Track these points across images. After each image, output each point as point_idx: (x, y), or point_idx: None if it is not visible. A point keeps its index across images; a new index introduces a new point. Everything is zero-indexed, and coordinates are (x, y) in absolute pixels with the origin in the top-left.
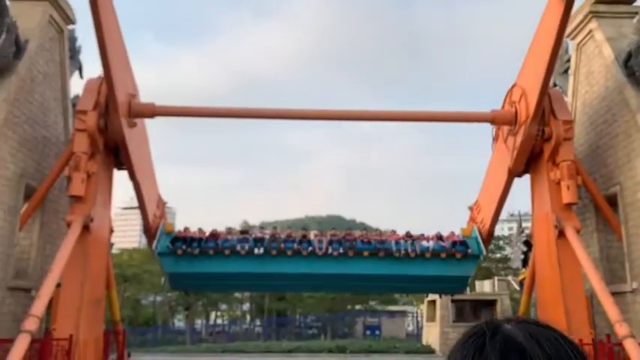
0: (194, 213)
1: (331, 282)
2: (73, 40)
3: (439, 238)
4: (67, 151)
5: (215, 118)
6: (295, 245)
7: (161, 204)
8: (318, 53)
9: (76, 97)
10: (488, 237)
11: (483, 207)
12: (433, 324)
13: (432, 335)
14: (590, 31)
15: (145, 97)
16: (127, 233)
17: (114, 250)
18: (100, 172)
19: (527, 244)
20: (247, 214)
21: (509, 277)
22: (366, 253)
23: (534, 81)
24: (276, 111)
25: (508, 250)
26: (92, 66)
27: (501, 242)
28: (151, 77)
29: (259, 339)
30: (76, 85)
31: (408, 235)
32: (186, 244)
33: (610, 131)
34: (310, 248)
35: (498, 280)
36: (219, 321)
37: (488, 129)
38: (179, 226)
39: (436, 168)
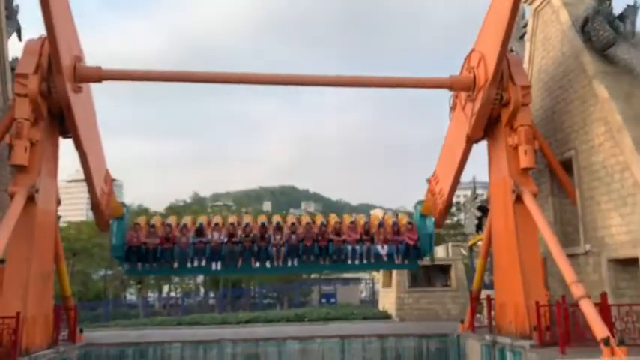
0: (143, 185)
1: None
2: None
3: (395, 232)
4: (6, 118)
5: (163, 82)
6: (253, 261)
7: (109, 179)
8: (272, 21)
9: (15, 59)
10: (447, 207)
11: (441, 177)
12: (389, 290)
13: (388, 301)
14: None
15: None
16: (74, 207)
17: (61, 224)
18: (44, 140)
19: (482, 209)
20: (198, 186)
21: (464, 243)
22: (322, 261)
23: (493, 45)
24: (225, 75)
25: (461, 217)
26: (32, 28)
27: (454, 208)
28: (96, 47)
29: (214, 311)
30: (15, 49)
31: (366, 232)
32: (141, 258)
33: (566, 97)
34: (268, 263)
35: (452, 245)
36: (172, 294)
37: (444, 99)
38: (127, 200)
39: (388, 138)
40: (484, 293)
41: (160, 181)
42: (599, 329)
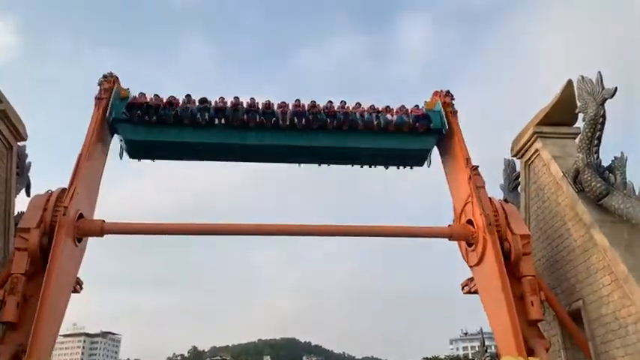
0: (141, 338)
1: (295, 153)
2: (22, 156)
3: (404, 112)
4: (3, 274)
5: (166, 235)
6: (258, 117)
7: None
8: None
9: (20, 214)
10: None
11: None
12: None
13: None
14: (537, 150)
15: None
16: None
17: None
18: (39, 295)
19: None
20: (197, 339)
21: None
22: (330, 126)
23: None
24: (223, 226)
25: None
26: (41, 182)
27: None
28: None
29: None
30: (21, 203)
31: (373, 108)
32: (143, 112)
33: (566, 245)
34: (274, 119)
35: None
36: None
37: (449, 248)
38: (124, 354)
39: (392, 288)
40: None
41: (159, 334)
42: None
